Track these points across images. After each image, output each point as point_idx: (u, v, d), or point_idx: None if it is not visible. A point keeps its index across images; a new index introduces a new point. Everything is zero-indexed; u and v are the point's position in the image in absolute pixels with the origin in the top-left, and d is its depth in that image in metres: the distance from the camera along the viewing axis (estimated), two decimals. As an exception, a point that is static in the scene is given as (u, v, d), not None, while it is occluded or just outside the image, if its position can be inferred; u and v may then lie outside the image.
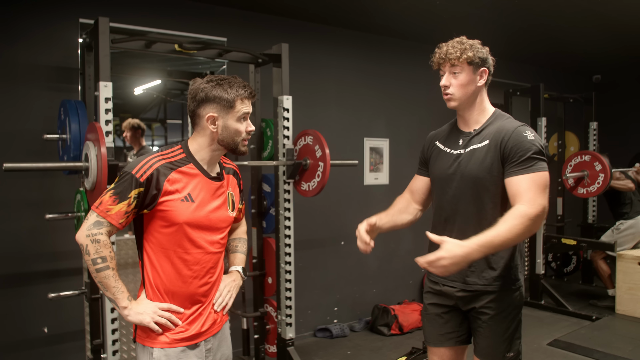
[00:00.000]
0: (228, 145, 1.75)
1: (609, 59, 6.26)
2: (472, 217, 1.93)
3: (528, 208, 1.74)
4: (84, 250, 1.63)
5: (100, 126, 2.52)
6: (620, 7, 4.28)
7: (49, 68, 3.29)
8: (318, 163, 3.33)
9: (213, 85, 1.70)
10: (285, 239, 3.41)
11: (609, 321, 4.80)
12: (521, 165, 1.81)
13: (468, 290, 1.96)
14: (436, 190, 2.08)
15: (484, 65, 1.94)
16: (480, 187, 1.90)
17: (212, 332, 1.83)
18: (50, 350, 3.29)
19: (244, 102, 1.73)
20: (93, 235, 1.62)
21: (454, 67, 1.92)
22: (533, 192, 1.77)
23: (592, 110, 5.77)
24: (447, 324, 2.06)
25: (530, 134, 1.85)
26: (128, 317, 1.68)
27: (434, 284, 2.09)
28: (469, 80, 1.92)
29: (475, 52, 1.91)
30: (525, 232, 1.73)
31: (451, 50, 1.92)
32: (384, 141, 4.98)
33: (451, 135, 2.07)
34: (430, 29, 4.75)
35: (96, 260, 1.63)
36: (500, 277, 1.92)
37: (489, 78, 1.98)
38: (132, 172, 1.63)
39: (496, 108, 2.04)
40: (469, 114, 1.99)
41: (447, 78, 1.95)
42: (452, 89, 1.94)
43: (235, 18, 4.05)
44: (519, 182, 1.80)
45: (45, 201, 3.23)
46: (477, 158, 1.91)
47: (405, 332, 4.51)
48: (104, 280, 1.64)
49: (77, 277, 3.23)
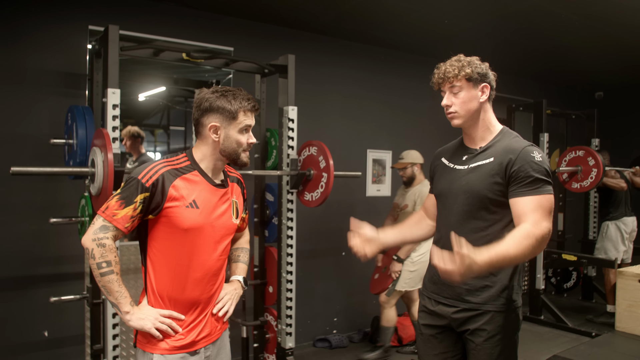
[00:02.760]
0: (229, 155, 1.77)
1: (611, 76, 6.30)
2: (472, 234, 1.89)
3: (533, 228, 1.72)
4: (90, 254, 1.65)
5: (107, 132, 2.55)
6: (622, 26, 4.32)
7: (56, 73, 3.32)
8: (322, 174, 3.35)
9: (217, 96, 1.73)
10: (287, 248, 3.42)
11: (609, 338, 4.79)
12: (527, 186, 1.79)
13: (464, 310, 1.92)
14: (439, 205, 2.07)
15: (484, 80, 1.92)
16: (483, 204, 1.88)
17: (211, 339, 1.84)
18: (50, 354, 3.29)
19: (247, 114, 1.76)
20: (99, 240, 1.64)
21: (453, 85, 1.91)
22: (538, 214, 1.76)
23: (594, 126, 5.80)
24: (441, 344, 2.02)
25: (538, 155, 1.82)
26: (130, 322, 1.69)
27: (429, 303, 2.05)
28: (471, 97, 1.91)
29: (473, 68, 1.89)
30: (531, 251, 1.71)
31: (449, 69, 1.91)
32: (387, 153, 5.01)
33: (457, 151, 2.05)
34: (434, 43, 4.80)
35: (101, 264, 1.64)
36: (497, 297, 1.88)
37: (492, 93, 1.96)
38: (138, 178, 1.66)
39: (504, 126, 2.02)
40: (474, 131, 1.97)
41: (448, 97, 1.94)
42: (455, 107, 1.92)
43: (242, 28, 4.09)
44: (525, 204, 1.78)
45: (49, 205, 3.25)
46: (481, 174, 1.89)
47: (404, 344, 4.49)
48: (107, 284, 1.66)
49: (79, 282, 3.24)
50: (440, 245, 2.01)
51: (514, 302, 1.91)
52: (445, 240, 1.98)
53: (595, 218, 5.94)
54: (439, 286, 2.00)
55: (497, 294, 1.88)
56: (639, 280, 4.82)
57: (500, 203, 1.86)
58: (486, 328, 1.88)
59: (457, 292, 1.93)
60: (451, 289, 1.94)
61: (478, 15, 4.05)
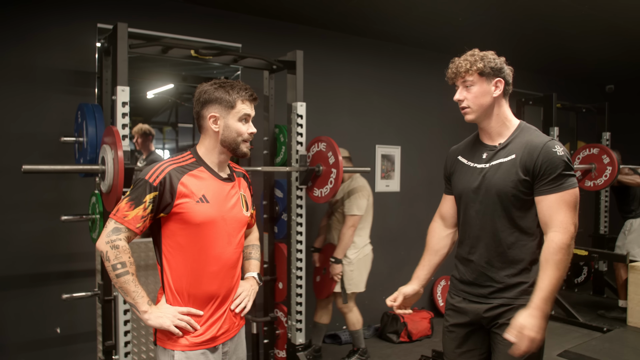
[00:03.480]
0: (229, 145, 1.79)
1: (622, 69, 6.24)
2: (497, 232, 1.90)
3: (562, 236, 1.77)
4: (104, 257, 1.67)
5: (117, 130, 2.55)
6: (633, 18, 4.27)
7: (66, 71, 3.33)
8: (331, 170, 3.35)
9: (216, 87, 1.77)
10: (296, 244, 3.42)
11: (620, 333, 4.76)
12: (552, 183, 1.80)
13: (498, 306, 1.91)
14: (461, 205, 2.05)
15: (498, 75, 1.91)
16: (506, 202, 1.87)
17: (229, 335, 1.86)
18: (63, 350, 3.32)
19: (245, 103, 1.79)
20: (112, 242, 1.67)
21: (466, 80, 1.91)
22: (564, 213, 1.78)
23: (605, 120, 5.74)
24: (469, 341, 2.02)
25: (560, 149, 1.82)
26: (148, 321, 1.70)
27: (459, 301, 2.04)
28: (483, 92, 1.90)
29: (486, 62, 1.88)
30: (567, 259, 1.78)
31: (462, 63, 1.91)
32: (396, 148, 4.99)
33: (474, 149, 2.03)
34: (443, 37, 4.77)
35: (116, 265, 1.66)
36: (529, 292, 1.87)
37: (508, 88, 1.95)
38: (146, 178, 1.69)
39: (521, 120, 2.00)
40: (490, 127, 1.96)
41: (460, 92, 1.94)
42: (467, 102, 1.92)
43: (250, 24, 4.08)
44: (550, 203, 1.80)
45: (60, 203, 3.27)
46: (503, 172, 1.88)
47: (414, 340, 4.50)
48: (124, 285, 1.67)
49: (91, 279, 3.27)
50: (465, 245, 2.01)
51: None
52: (472, 240, 1.98)
53: (607, 213, 5.89)
54: (470, 285, 2.00)
55: (527, 288, 1.88)
56: (651, 274, 4.79)
57: (524, 200, 1.86)
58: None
59: (489, 291, 1.93)
60: (484, 288, 1.95)
61: (487, 9, 4.02)
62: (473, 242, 1.98)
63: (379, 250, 4.88)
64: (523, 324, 1.75)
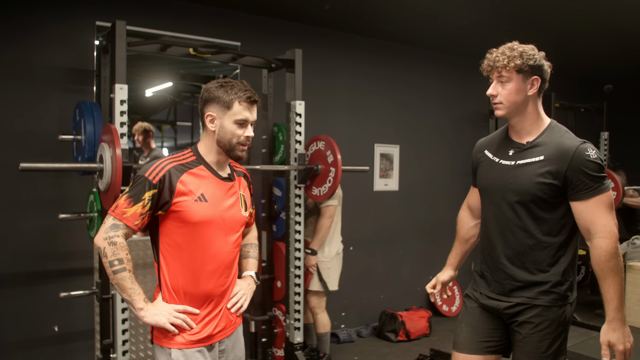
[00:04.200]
0: (224, 147, 1.77)
1: (620, 68, 6.24)
2: (519, 232, 1.89)
3: (609, 241, 1.77)
4: (102, 253, 1.67)
5: (115, 128, 2.55)
6: (631, 18, 4.27)
7: (64, 69, 3.32)
8: (330, 168, 3.35)
9: (217, 87, 1.76)
10: (295, 243, 3.42)
11: (618, 333, 4.77)
12: (587, 188, 1.77)
13: (516, 304, 1.91)
14: (483, 200, 2.04)
15: (535, 73, 1.85)
16: (530, 203, 1.85)
17: (226, 333, 1.86)
18: (60, 348, 3.31)
19: (242, 104, 1.75)
20: (110, 238, 1.66)
21: (501, 75, 1.85)
22: (604, 217, 1.77)
23: (604, 120, 5.75)
24: (488, 332, 2.00)
25: (593, 152, 1.78)
26: (144, 319, 1.70)
27: (480, 297, 2.03)
28: (518, 89, 1.85)
29: (525, 59, 1.82)
30: (622, 261, 1.80)
31: (499, 57, 1.85)
32: (395, 147, 4.99)
33: (501, 144, 1.99)
34: (442, 36, 4.76)
35: (113, 262, 1.66)
36: (549, 292, 1.87)
37: (544, 86, 1.90)
38: (145, 175, 1.68)
39: (552, 119, 1.95)
40: (521, 124, 1.91)
41: (494, 87, 1.89)
42: (500, 98, 1.87)
43: (249, 23, 4.08)
44: (589, 208, 1.78)
45: (58, 201, 3.26)
46: (531, 173, 1.85)
47: (412, 338, 4.50)
48: (120, 282, 1.67)
49: (89, 277, 3.26)
50: (486, 241, 2.01)
51: (565, 297, 1.90)
52: (492, 236, 1.98)
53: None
54: (489, 282, 2.00)
55: (548, 289, 1.88)
56: (649, 274, 4.80)
57: (549, 202, 1.84)
58: (534, 321, 1.88)
59: (508, 288, 1.93)
60: (502, 285, 1.95)
61: (485, 7, 4.01)
62: (494, 238, 1.97)
63: (377, 249, 4.90)
64: (610, 340, 1.80)
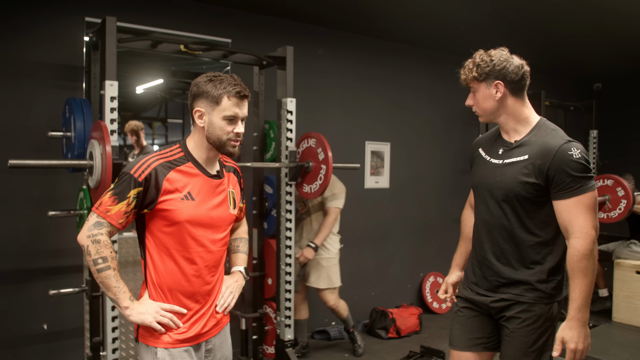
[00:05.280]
0: (214, 143, 1.73)
1: (609, 67, 6.29)
2: (505, 229, 1.93)
3: (583, 242, 1.77)
4: (85, 251, 1.64)
5: (105, 125, 2.54)
6: (621, 17, 4.30)
7: (54, 66, 3.30)
8: (320, 166, 3.35)
9: (206, 81, 1.72)
10: (286, 240, 3.42)
11: (606, 329, 4.82)
12: (568, 188, 1.78)
13: (501, 300, 1.94)
14: (475, 198, 2.10)
15: (497, 77, 1.90)
16: (515, 202, 1.89)
17: (213, 332, 1.84)
18: (50, 347, 3.29)
19: (231, 100, 1.70)
20: (93, 236, 1.63)
21: (471, 86, 1.97)
22: (583, 218, 1.77)
23: (593, 118, 5.79)
24: (478, 329, 2.03)
25: (576, 152, 1.79)
26: (130, 317, 1.68)
27: (469, 292, 2.07)
28: (484, 97, 1.93)
29: (480, 69, 1.90)
30: (595, 264, 1.78)
31: (464, 71, 1.97)
32: (386, 145, 5.00)
33: (494, 142, 2.05)
34: (434, 35, 4.78)
35: (97, 260, 1.63)
36: (534, 290, 1.90)
37: (521, 85, 1.94)
38: (131, 173, 1.64)
39: (541, 117, 1.99)
40: (507, 124, 1.97)
41: (470, 97, 2.00)
42: (475, 107, 1.99)
43: (240, 20, 4.06)
44: (568, 207, 1.79)
45: (48, 198, 3.24)
46: (514, 171, 1.89)
47: (402, 335, 4.52)
48: (105, 280, 1.65)
49: (78, 275, 3.24)
50: (477, 237, 2.06)
51: (551, 295, 1.91)
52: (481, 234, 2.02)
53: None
54: (478, 278, 2.04)
55: (533, 287, 1.90)
56: (636, 271, 4.85)
57: (534, 202, 1.86)
58: (521, 316, 1.91)
59: (494, 284, 1.97)
60: (489, 282, 1.98)
61: (476, 5, 4.02)
62: (482, 235, 2.01)
63: (367, 246, 4.91)
64: (564, 337, 1.79)
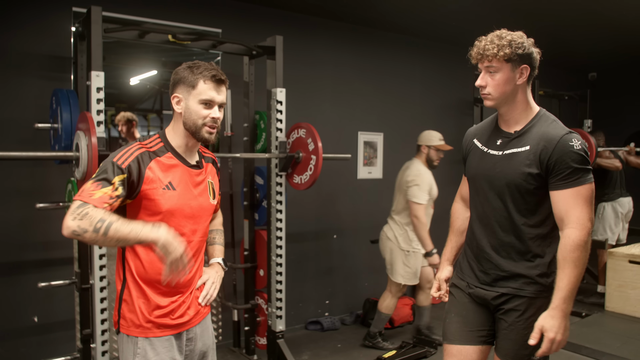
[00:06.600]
0: (190, 129, 1.71)
1: (604, 56, 6.27)
2: (505, 221, 1.89)
3: (579, 232, 1.74)
4: (79, 232, 1.46)
5: (91, 116, 2.52)
6: (615, 6, 4.28)
7: (41, 56, 3.27)
8: (311, 156, 3.33)
9: (184, 68, 1.72)
10: (277, 231, 3.41)
11: (598, 318, 4.84)
12: (567, 178, 1.76)
13: (502, 294, 1.92)
14: (471, 189, 2.04)
15: (524, 61, 1.82)
16: (516, 193, 1.85)
17: (194, 322, 1.83)
18: (40, 339, 3.29)
19: (207, 84, 1.69)
20: (80, 214, 1.47)
21: (490, 65, 1.82)
22: (579, 209, 1.75)
23: (587, 107, 5.78)
24: (478, 322, 2.00)
25: (577, 143, 1.77)
26: (170, 243, 1.52)
27: (464, 286, 2.03)
28: (507, 79, 1.82)
29: (513, 48, 1.79)
30: (587, 256, 1.76)
31: (489, 46, 1.81)
32: (379, 135, 4.98)
33: (490, 133, 1.98)
34: (426, 24, 4.74)
35: (96, 226, 1.46)
36: (534, 283, 1.88)
37: (534, 73, 1.87)
38: (114, 160, 1.61)
39: (541, 107, 1.94)
40: (509, 113, 1.90)
41: (482, 77, 1.86)
42: (489, 89, 1.85)
43: (230, 9, 4.03)
44: (566, 197, 1.77)
45: (36, 190, 3.22)
46: (516, 163, 1.85)
47: (395, 326, 4.53)
48: (117, 235, 1.48)
49: (68, 267, 3.23)
50: (473, 229, 2.01)
51: (551, 289, 1.87)
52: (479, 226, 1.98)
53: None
54: (475, 271, 2.00)
55: (533, 280, 1.88)
56: (629, 260, 4.86)
57: (535, 193, 1.83)
58: (520, 309, 1.89)
59: (493, 277, 1.94)
60: (487, 275, 1.95)
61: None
62: (480, 228, 1.97)
63: (361, 237, 4.90)
64: (544, 325, 1.75)
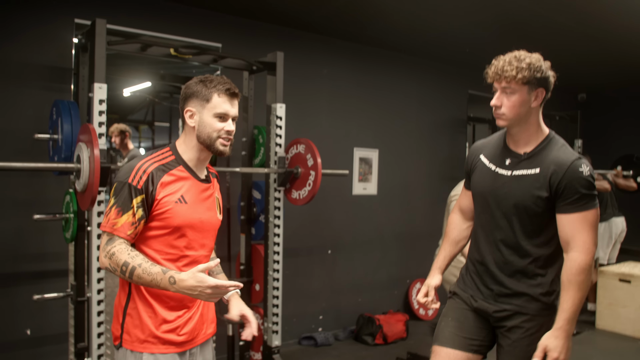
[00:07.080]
0: (204, 142, 1.73)
1: (594, 78, 6.39)
2: (510, 240, 1.90)
3: (584, 257, 1.78)
4: (111, 270, 1.61)
5: (93, 128, 2.51)
6: (605, 29, 4.37)
7: (41, 67, 3.27)
8: (309, 172, 3.35)
9: (196, 82, 1.73)
10: (274, 246, 3.41)
11: (589, 336, 4.87)
12: (575, 203, 1.79)
13: (504, 310, 1.93)
14: (476, 206, 2.05)
15: (541, 85, 1.83)
16: (523, 214, 1.87)
17: (198, 341, 1.81)
18: (32, 352, 3.24)
19: (221, 97, 1.71)
20: (108, 253, 1.61)
21: (508, 86, 1.82)
22: (585, 234, 1.79)
23: (577, 127, 5.88)
24: (474, 331, 2.00)
25: (586, 169, 1.79)
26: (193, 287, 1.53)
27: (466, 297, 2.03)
28: (522, 101, 1.82)
29: (532, 71, 1.79)
30: (590, 279, 1.81)
31: (507, 67, 1.81)
32: (374, 151, 5.02)
33: (498, 151, 1.98)
34: (423, 42, 4.81)
35: (122, 270, 1.58)
36: (537, 301, 1.90)
37: (547, 96, 1.88)
38: (129, 182, 1.61)
39: (550, 130, 1.94)
40: (520, 134, 1.90)
41: (498, 97, 1.86)
42: (504, 109, 1.84)
43: (231, 24, 4.06)
44: (573, 222, 1.80)
45: (33, 201, 3.20)
46: (525, 185, 1.86)
47: (389, 342, 4.52)
48: (140, 280, 1.57)
49: (63, 279, 3.20)
50: (477, 246, 2.02)
51: (553, 306, 1.91)
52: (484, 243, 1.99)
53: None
54: (478, 286, 2.00)
55: (537, 298, 1.90)
56: (619, 279, 4.92)
57: (542, 215, 1.86)
58: (524, 326, 1.90)
59: (496, 293, 1.94)
60: (491, 290, 1.96)
61: (465, 14, 4.06)
62: (484, 245, 1.98)
63: (355, 252, 4.92)
64: (548, 345, 1.78)
